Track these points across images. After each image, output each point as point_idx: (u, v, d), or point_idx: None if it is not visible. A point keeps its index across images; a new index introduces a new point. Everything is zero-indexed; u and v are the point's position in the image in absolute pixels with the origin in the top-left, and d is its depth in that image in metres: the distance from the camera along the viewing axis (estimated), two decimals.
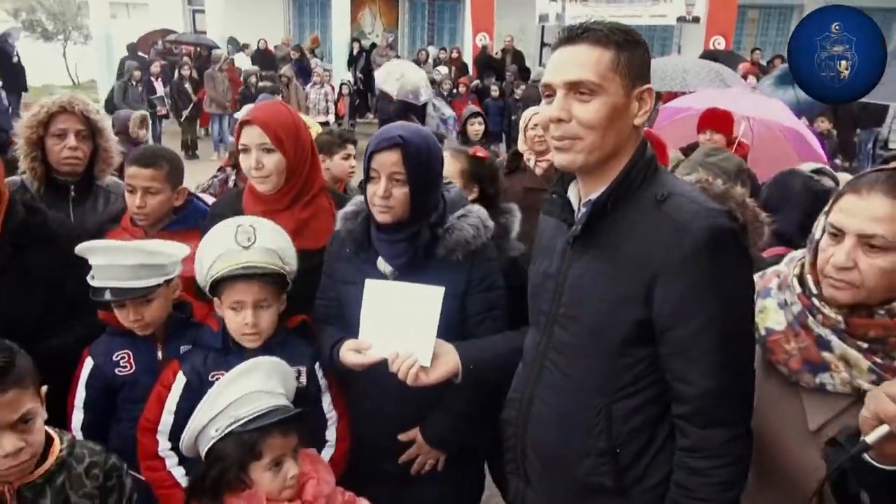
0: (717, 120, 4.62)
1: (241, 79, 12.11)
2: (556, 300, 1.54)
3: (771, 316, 1.55)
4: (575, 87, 1.38)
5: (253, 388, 1.71)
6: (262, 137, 2.12)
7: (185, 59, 13.83)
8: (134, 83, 11.97)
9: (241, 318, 1.89)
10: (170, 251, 2.00)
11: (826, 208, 1.49)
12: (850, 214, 1.36)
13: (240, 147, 2.17)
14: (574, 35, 1.40)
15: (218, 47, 14.97)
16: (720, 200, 2.01)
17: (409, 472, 2.02)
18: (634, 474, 1.49)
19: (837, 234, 1.39)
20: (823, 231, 1.45)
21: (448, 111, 10.86)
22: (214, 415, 1.70)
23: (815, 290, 1.44)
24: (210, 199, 2.78)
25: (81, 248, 1.95)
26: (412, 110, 10.49)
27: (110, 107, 10.77)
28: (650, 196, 1.42)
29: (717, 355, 1.36)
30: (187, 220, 2.42)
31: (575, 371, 1.51)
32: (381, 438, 2.02)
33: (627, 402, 1.47)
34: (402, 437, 2.00)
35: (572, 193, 1.55)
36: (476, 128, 6.49)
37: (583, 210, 1.49)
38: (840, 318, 1.38)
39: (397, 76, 10.94)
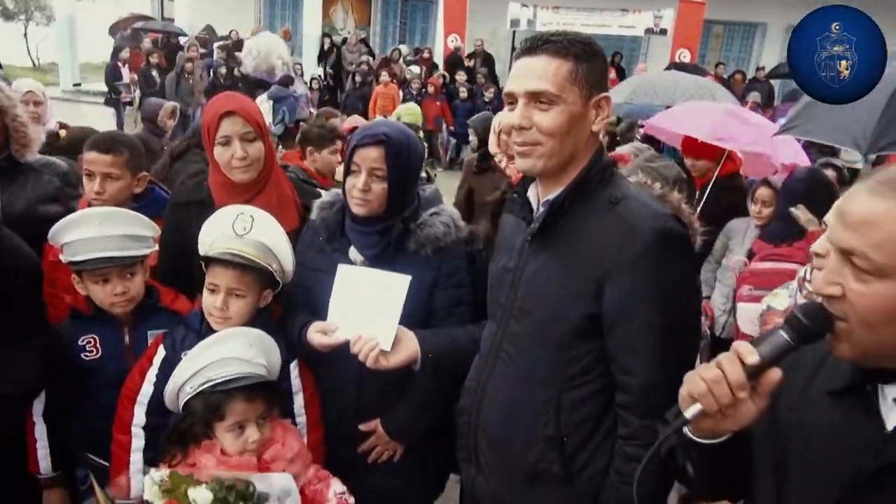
0: (699, 145, 4.49)
1: (211, 70, 11.98)
2: (512, 294, 1.62)
3: (779, 299, 1.83)
4: (535, 97, 1.46)
5: (229, 353, 1.76)
6: (245, 126, 2.14)
7: (151, 45, 13.61)
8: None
9: (212, 300, 1.93)
10: (151, 223, 2.03)
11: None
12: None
13: (219, 139, 2.15)
14: (535, 46, 1.48)
15: (185, 35, 14.77)
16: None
17: (365, 461, 2.07)
18: (580, 461, 1.57)
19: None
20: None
21: (302, 89, 11.01)
22: (191, 374, 1.76)
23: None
24: None
25: (56, 230, 1.96)
26: (263, 86, 10.63)
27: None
28: (605, 198, 1.51)
29: (659, 350, 1.45)
30: (148, 209, 2.38)
31: (527, 362, 1.59)
32: (339, 426, 2.06)
33: (575, 392, 1.55)
34: (363, 427, 2.04)
35: (532, 194, 1.63)
36: None
37: (541, 210, 1.57)
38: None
39: (255, 54, 11.01)
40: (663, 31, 14.61)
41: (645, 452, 1.45)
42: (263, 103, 10.02)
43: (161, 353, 1.99)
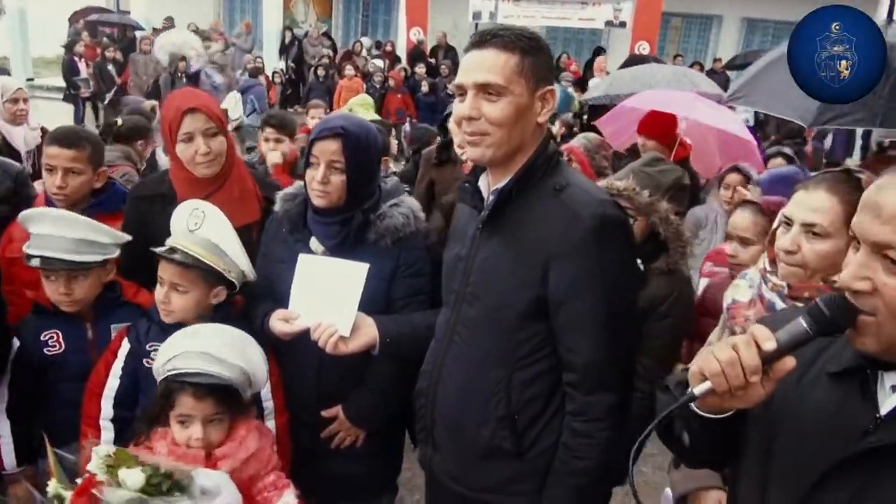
0: (655, 126, 4.60)
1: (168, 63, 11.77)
2: (464, 280, 1.69)
3: (740, 291, 1.89)
4: (483, 89, 1.52)
5: (198, 348, 1.76)
6: (208, 122, 2.17)
7: (106, 39, 13.31)
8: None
9: (158, 292, 1.96)
10: (115, 232, 2.03)
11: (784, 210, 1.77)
12: (798, 206, 1.65)
13: (182, 135, 2.16)
14: (484, 40, 1.54)
15: (142, 28, 14.48)
16: (643, 211, 2.15)
17: (326, 447, 2.11)
18: (531, 438, 1.65)
19: (788, 223, 1.68)
20: (780, 222, 1.74)
21: (219, 79, 11.06)
22: (167, 359, 1.78)
23: (769, 267, 1.74)
24: None
25: (26, 216, 1.97)
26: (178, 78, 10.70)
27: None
28: (550, 186, 1.58)
29: (601, 330, 1.53)
30: (107, 203, 2.41)
31: (478, 344, 1.66)
32: (300, 412, 2.10)
33: (525, 372, 1.62)
34: (324, 413, 2.09)
35: (483, 183, 1.69)
36: None
37: (491, 198, 1.64)
38: (784, 283, 1.65)
39: (168, 48, 10.98)
40: (623, 24, 14.79)
41: (593, 427, 1.54)
42: (231, 98, 9.95)
43: (126, 346, 2.01)
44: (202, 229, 1.95)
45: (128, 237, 2.06)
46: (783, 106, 3.48)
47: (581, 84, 12.28)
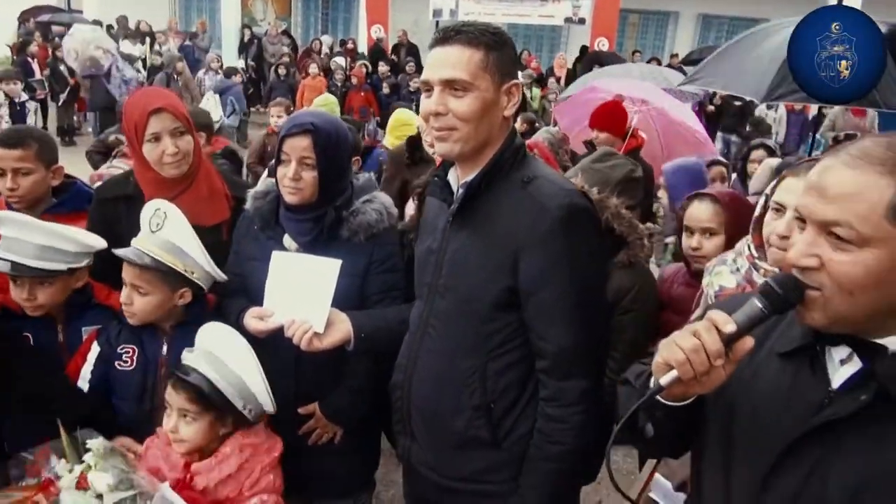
0: (606, 118, 4.63)
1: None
2: (436, 273, 1.71)
3: (724, 278, 1.90)
4: (450, 85, 1.55)
5: (203, 346, 1.87)
6: (175, 122, 2.15)
7: (58, 39, 12.95)
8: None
9: (122, 293, 1.96)
10: (86, 241, 2.00)
11: (767, 190, 1.83)
12: (790, 192, 1.68)
13: (149, 136, 2.15)
14: (448, 36, 1.56)
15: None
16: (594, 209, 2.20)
17: (304, 444, 2.11)
18: (507, 426, 1.68)
19: (780, 209, 1.72)
20: (765, 209, 1.80)
21: (130, 73, 11.01)
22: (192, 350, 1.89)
23: (756, 253, 1.78)
24: None
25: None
26: (95, 77, 10.62)
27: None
28: (517, 179, 1.61)
29: (572, 317, 1.57)
30: (71, 203, 2.37)
31: (452, 336, 1.69)
32: (278, 410, 2.06)
33: (499, 361, 1.65)
34: (301, 410, 2.09)
35: (452, 177, 1.72)
36: None
37: (460, 192, 1.67)
38: (776, 269, 1.67)
39: (74, 55, 10.89)
40: (582, 21, 14.98)
41: (566, 412, 1.58)
42: (210, 99, 9.77)
43: (95, 349, 2.00)
44: (163, 230, 1.94)
45: (99, 246, 2.03)
46: (738, 85, 3.56)
47: (541, 81, 12.42)
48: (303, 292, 1.90)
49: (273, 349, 2.04)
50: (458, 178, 1.70)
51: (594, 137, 4.56)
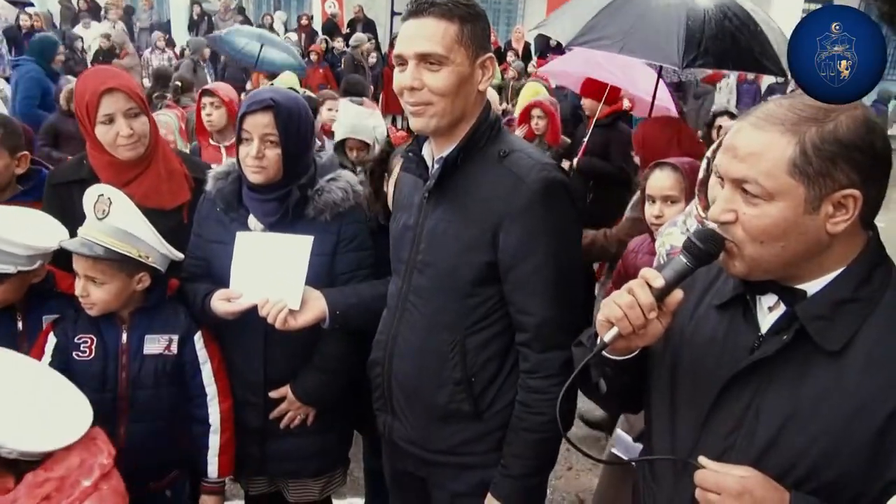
0: (587, 87, 4.91)
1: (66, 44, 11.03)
2: (414, 249, 1.70)
3: (675, 238, 1.99)
4: (425, 58, 1.52)
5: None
6: (129, 102, 2.08)
7: None
8: None
9: (76, 286, 1.90)
10: (37, 245, 1.89)
11: (708, 154, 1.94)
12: None
13: (101, 118, 2.07)
14: (422, 8, 1.53)
15: (32, 4, 13.54)
16: None
17: (276, 427, 2.10)
18: (488, 399, 1.69)
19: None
20: (708, 172, 1.88)
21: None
22: None
23: (703, 214, 1.85)
24: None
25: None
26: None
27: None
28: (494, 153, 1.61)
29: (551, 289, 1.58)
30: (37, 191, 2.28)
31: (432, 310, 1.68)
32: (247, 394, 2.09)
33: (479, 335, 1.66)
34: (273, 394, 2.07)
35: (426, 152, 1.70)
36: None
37: (436, 167, 1.65)
38: None
39: None
40: None
41: (547, 383, 1.61)
42: None
43: (52, 340, 1.93)
44: (111, 217, 1.87)
45: (53, 246, 1.93)
46: (646, 49, 3.51)
47: (500, 55, 12.33)
48: (273, 271, 1.87)
49: (242, 334, 2.03)
50: (432, 153, 1.69)
51: (583, 105, 4.97)
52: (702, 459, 1.16)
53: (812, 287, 1.15)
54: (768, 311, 1.20)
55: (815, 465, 1.10)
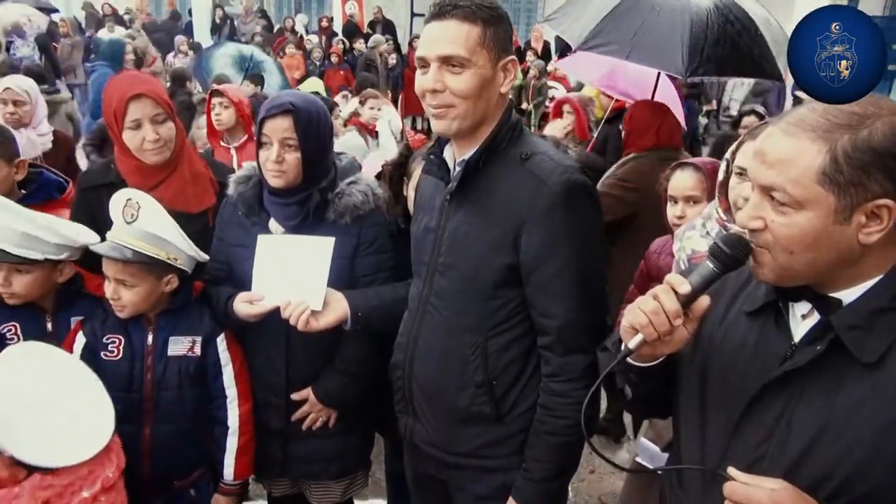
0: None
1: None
2: (435, 251, 1.70)
3: (695, 242, 1.96)
4: (447, 61, 1.52)
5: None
6: (156, 108, 2.11)
7: None
8: None
9: (107, 289, 1.93)
10: (68, 234, 1.95)
11: (728, 155, 1.91)
12: (748, 156, 1.71)
13: (129, 123, 2.11)
14: (444, 11, 1.53)
15: (57, 10, 13.80)
16: None
17: (297, 429, 2.11)
18: (509, 402, 1.68)
19: (743, 173, 1.78)
20: (728, 173, 1.86)
21: (23, 52, 10.45)
22: None
23: (725, 216, 1.84)
24: None
25: None
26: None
27: None
28: (515, 155, 1.60)
29: (574, 292, 1.57)
30: (39, 194, 2.32)
31: (453, 314, 1.68)
32: (269, 396, 2.10)
33: (500, 338, 1.65)
34: (295, 396, 2.09)
35: (448, 155, 1.70)
36: None
37: (458, 169, 1.65)
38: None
39: None
40: None
41: (570, 386, 1.59)
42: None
43: (81, 340, 1.97)
44: (139, 220, 1.90)
45: (85, 240, 1.97)
46: (651, 56, 3.43)
47: (520, 55, 12.30)
48: (295, 273, 1.88)
49: (264, 336, 2.04)
50: (454, 156, 1.68)
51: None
52: (731, 471, 1.14)
53: (848, 296, 1.11)
54: (801, 319, 1.17)
55: (849, 479, 1.07)
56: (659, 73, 4.00)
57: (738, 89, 10.28)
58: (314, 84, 6.17)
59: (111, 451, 1.75)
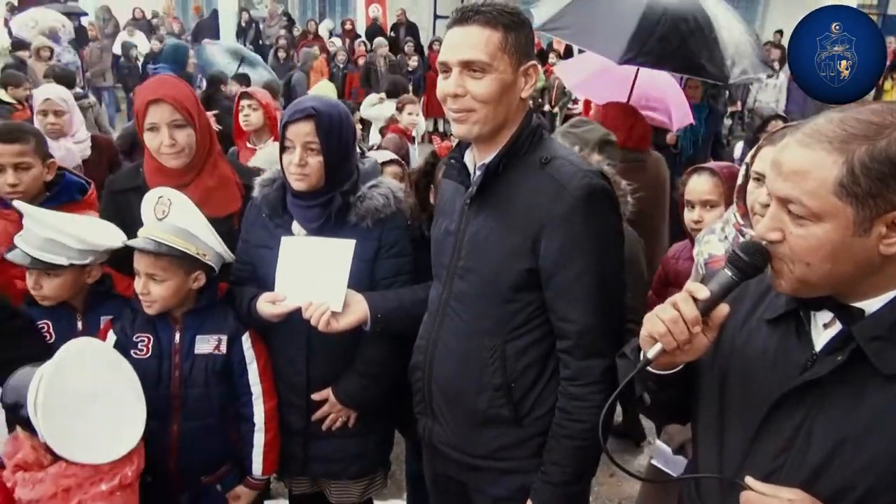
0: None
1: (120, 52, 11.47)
2: (455, 255, 1.71)
3: (713, 246, 1.97)
4: (469, 66, 1.54)
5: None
6: (174, 114, 2.15)
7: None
8: None
9: (137, 284, 1.98)
10: (90, 239, 2.00)
11: (747, 159, 1.90)
12: (768, 162, 1.70)
13: (148, 126, 2.16)
14: (467, 17, 1.55)
15: (86, 14, 14.08)
16: None
17: (317, 428, 2.13)
18: (528, 405, 1.69)
19: (759, 179, 1.76)
20: (746, 178, 1.85)
21: (67, 57, 10.59)
22: None
23: (742, 221, 1.84)
24: None
25: (21, 206, 2.01)
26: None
27: None
28: (535, 160, 1.61)
29: (593, 297, 1.58)
30: (61, 196, 2.37)
31: (472, 316, 1.69)
32: (290, 396, 2.14)
33: (519, 341, 1.66)
34: (315, 396, 2.11)
35: (468, 159, 1.72)
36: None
37: (478, 173, 1.66)
38: None
39: (31, 24, 10.76)
40: None
41: (588, 390, 1.60)
42: None
43: (111, 338, 2.02)
44: (171, 216, 1.96)
45: (109, 245, 2.03)
46: (595, 41, 3.55)
47: (542, 57, 12.27)
48: (317, 275, 1.91)
49: (285, 336, 2.08)
50: (474, 160, 1.70)
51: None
52: (748, 480, 1.14)
53: (870, 306, 1.10)
54: (823, 329, 1.16)
55: (869, 491, 1.06)
56: (635, 77, 4.03)
57: (763, 91, 10.16)
58: (325, 88, 6.21)
59: (133, 453, 1.81)
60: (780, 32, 13.47)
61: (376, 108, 7.09)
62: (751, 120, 8.87)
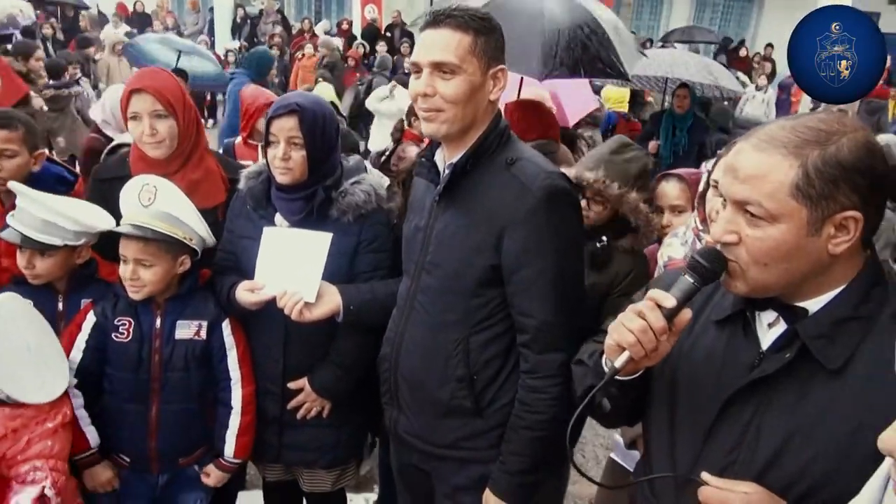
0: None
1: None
2: (423, 250, 1.77)
3: (674, 249, 2.03)
4: (439, 67, 1.60)
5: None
6: (155, 104, 2.17)
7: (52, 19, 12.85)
8: None
9: (123, 270, 2.02)
10: (87, 222, 2.05)
11: (709, 167, 1.96)
12: None
13: (130, 115, 2.19)
14: (439, 19, 1.61)
15: (87, 7, 14.03)
16: (613, 203, 2.25)
17: (292, 417, 2.17)
18: (489, 396, 1.75)
19: (717, 186, 1.79)
20: (707, 185, 1.90)
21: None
22: None
23: (701, 226, 1.89)
24: None
25: (15, 187, 2.06)
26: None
27: None
28: (502, 160, 1.67)
29: (552, 293, 1.64)
30: (41, 185, 2.32)
31: (438, 310, 1.75)
32: (267, 384, 2.18)
33: (482, 335, 1.72)
34: (291, 385, 2.15)
35: (439, 158, 1.78)
36: None
37: (446, 172, 1.72)
38: None
39: None
40: None
41: (545, 383, 1.66)
42: None
43: (91, 319, 2.07)
44: (157, 203, 2.00)
45: (102, 227, 2.08)
46: (516, 63, 3.58)
47: None
48: (294, 265, 1.96)
49: (263, 325, 2.12)
50: (444, 159, 1.76)
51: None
52: (705, 475, 1.17)
53: (813, 305, 1.15)
54: (768, 328, 1.21)
55: (817, 483, 1.10)
56: (522, 78, 4.05)
57: (749, 103, 10.27)
58: (325, 90, 6.23)
59: (66, 397, 1.96)
60: (771, 46, 13.63)
61: (385, 102, 6.77)
62: (736, 132, 8.93)
